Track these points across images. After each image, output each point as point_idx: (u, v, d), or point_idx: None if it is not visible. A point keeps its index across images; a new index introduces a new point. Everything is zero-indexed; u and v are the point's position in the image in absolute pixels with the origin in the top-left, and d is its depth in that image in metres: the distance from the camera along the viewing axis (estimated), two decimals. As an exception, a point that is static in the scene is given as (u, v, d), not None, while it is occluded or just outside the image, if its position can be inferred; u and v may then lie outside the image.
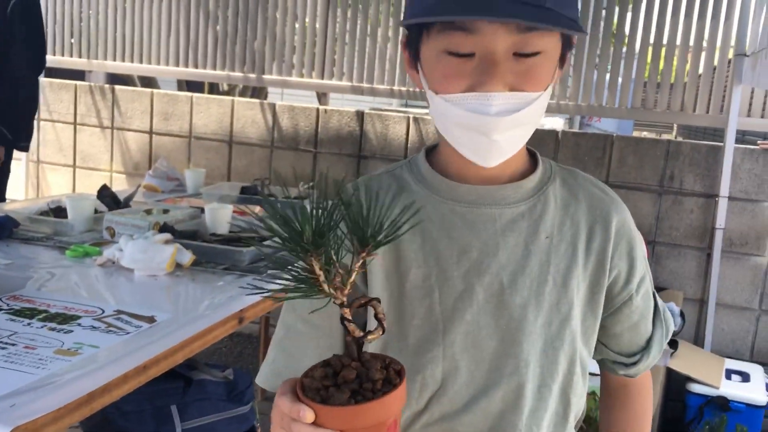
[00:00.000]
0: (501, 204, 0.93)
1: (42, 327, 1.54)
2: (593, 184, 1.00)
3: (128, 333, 1.55)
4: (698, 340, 3.34)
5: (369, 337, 0.72)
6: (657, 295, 1.06)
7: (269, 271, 0.73)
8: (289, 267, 0.69)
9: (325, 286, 0.69)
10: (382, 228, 0.70)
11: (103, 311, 1.67)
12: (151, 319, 1.64)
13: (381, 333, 0.72)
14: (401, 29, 3.81)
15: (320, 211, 0.68)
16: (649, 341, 1.05)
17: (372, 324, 0.75)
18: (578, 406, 0.97)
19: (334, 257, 0.69)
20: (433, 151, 1.00)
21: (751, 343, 3.33)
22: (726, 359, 3.16)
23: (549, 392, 0.92)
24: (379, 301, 0.73)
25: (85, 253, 2.13)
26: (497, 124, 0.83)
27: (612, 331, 1.03)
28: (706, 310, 3.27)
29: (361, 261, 0.71)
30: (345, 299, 0.71)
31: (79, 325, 1.57)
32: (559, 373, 0.92)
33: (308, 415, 0.68)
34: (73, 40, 4.43)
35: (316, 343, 0.94)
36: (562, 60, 0.90)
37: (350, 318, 0.71)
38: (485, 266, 0.91)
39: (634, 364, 1.05)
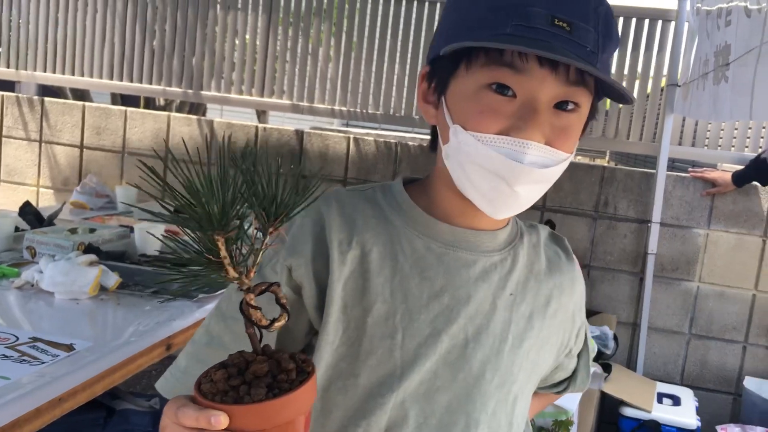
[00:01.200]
0: (476, 251, 0.89)
1: (-53, 356, 1.43)
2: (549, 244, 0.98)
3: (43, 363, 1.46)
4: (631, 364, 3.39)
5: (275, 324, 0.65)
6: (584, 323, 1.06)
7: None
8: (192, 249, 0.62)
9: (231, 270, 0.62)
10: (291, 198, 0.64)
11: (17, 338, 1.57)
12: (69, 348, 1.55)
13: (286, 319, 0.66)
14: (404, 57, 3.79)
15: (226, 184, 0.61)
16: (574, 371, 1.06)
17: (271, 312, 0.67)
18: None
19: (242, 234, 0.63)
20: (413, 184, 0.95)
21: (681, 367, 3.40)
22: (657, 383, 3.21)
23: None
24: (279, 285, 0.67)
25: (2, 274, 2.01)
26: (527, 175, 0.78)
27: (549, 379, 1.06)
28: (639, 334, 3.33)
29: (269, 238, 0.64)
30: (250, 283, 0.64)
31: (-11, 353, 1.47)
32: None
33: (222, 419, 0.61)
34: (0, 50, 4.25)
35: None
36: (584, 129, 0.87)
37: (255, 305, 0.65)
38: (455, 314, 0.86)
39: (560, 392, 1.08)
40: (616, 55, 3.43)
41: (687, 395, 3.12)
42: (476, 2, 0.81)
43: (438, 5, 3.70)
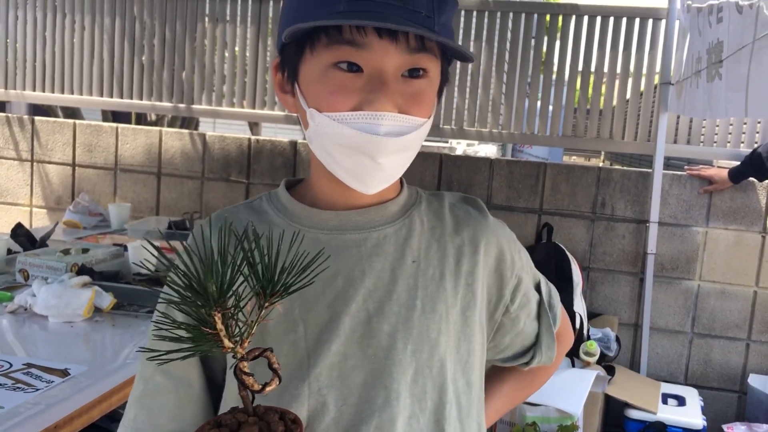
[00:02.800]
0: (365, 228, 0.89)
1: (-61, 386, 1.40)
2: (458, 204, 0.97)
3: (38, 390, 1.43)
4: (634, 365, 3.37)
5: (266, 389, 0.68)
6: (541, 282, 1.03)
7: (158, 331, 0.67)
8: (186, 324, 0.65)
9: (226, 341, 0.65)
10: (288, 276, 0.67)
11: (11, 365, 1.54)
12: (64, 373, 1.52)
13: (278, 383, 0.69)
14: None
15: (225, 264, 0.63)
16: (537, 336, 1.02)
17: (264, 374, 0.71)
18: None
19: (238, 311, 0.65)
20: (298, 185, 0.96)
21: (685, 367, 3.38)
22: (662, 383, 3.19)
23: (418, 423, 0.86)
24: (273, 351, 0.70)
25: (-5, 299, 1.98)
26: (385, 146, 0.80)
27: (501, 346, 1.01)
28: (641, 335, 3.30)
29: (264, 312, 0.67)
30: (245, 353, 0.67)
31: (-18, 382, 1.44)
32: (428, 402, 0.87)
33: None
34: (-12, 70, 4.22)
35: (175, 395, 0.88)
36: (440, 93, 0.90)
37: (248, 372, 0.67)
38: (351, 294, 0.86)
39: (528, 362, 1.04)
40: (608, 54, 3.43)
41: (692, 395, 3.10)
42: None
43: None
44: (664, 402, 3.00)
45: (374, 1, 0.78)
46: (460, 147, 9.30)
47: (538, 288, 1.03)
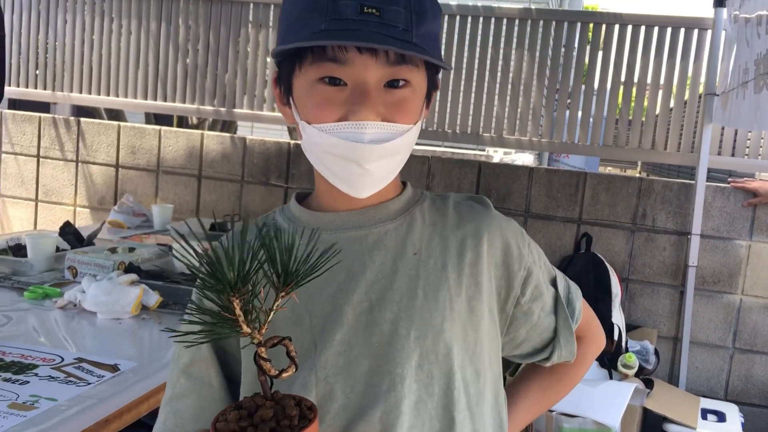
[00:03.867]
0: (366, 225, 0.94)
1: (-4, 378, 1.44)
2: (463, 202, 1.00)
3: (89, 383, 1.46)
4: (673, 379, 3.32)
5: (283, 375, 0.72)
6: (558, 278, 1.04)
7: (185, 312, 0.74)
8: (210, 310, 0.70)
9: (245, 326, 0.70)
10: (304, 266, 0.72)
11: (63, 359, 1.58)
12: (114, 368, 1.55)
13: (294, 370, 0.73)
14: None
15: (243, 252, 0.68)
16: (555, 331, 1.03)
17: (282, 363, 0.75)
18: (467, 425, 0.92)
19: (254, 297, 0.70)
20: (309, 196, 1.02)
21: (725, 382, 3.32)
22: (701, 398, 3.14)
23: (425, 409, 0.89)
24: (291, 340, 0.74)
25: (45, 294, 2.03)
26: (370, 152, 0.85)
27: (517, 340, 1.02)
28: (680, 348, 3.26)
29: (281, 300, 0.72)
30: (262, 338, 0.71)
31: (36, 375, 1.48)
32: (435, 387, 0.89)
33: None
34: (38, 72, 4.33)
35: (198, 396, 0.93)
36: (428, 99, 0.94)
37: (266, 357, 0.72)
38: (353, 286, 0.90)
39: (548, 358, 1.05)
40: (651, 63, 3.40)
41: (732, 411, 3.04)
42: (294, 5, 0.88)
43: (457, 18, 3.69)
44: (704, 417, 2.95)
45: (353, 19, 0.83)
46: (497, 155, 9.27)
47: (554, 283, 1.04)
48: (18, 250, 2.40)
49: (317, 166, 0.91)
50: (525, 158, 9.20)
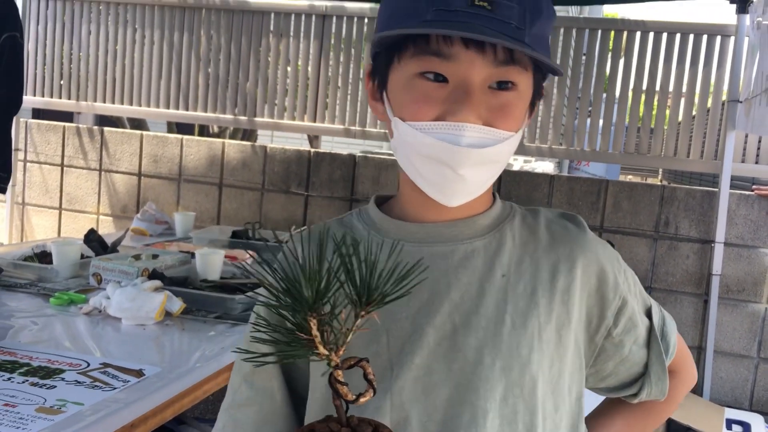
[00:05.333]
0: (453, 241, 0.87)
1: (23, 382, 1.46)
2: (556, 221, 0.93)
3: (115, 388, 1.47)
4: (697, 389, 3.27)
5: (360, 400, 0.66)
6: (653, 308, 0.96)
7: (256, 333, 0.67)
8: (282, 328, 0.65)
9: (321, 348, 0.64)
10: (386, 285, 0.65)
11: (89, 364, 1.59)
12: (139, 373, 1.56)
13: (372, 394, 0.67)
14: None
15: (322, 269, 0.63)
16: (646, 366, 0.95)
17: (355, 383, 0.69)
18: None
19: (333, 318, 0.64)
20: (388, 200, 0.96)
21: (750, 392, 3.27)
22: (725, 408, 3.10)
23: None
24: (368, 361, 0.68)
25: (70, 300, 2.05)
26: (467, 157, 0.78)
27: (603, 372, 0.94)
28: (705, 358, 3.22)
29: (360, 320, 0.66)
30: (339, 361, 0.66)
31: (62, 379, 1.49)
32: (519, 424, 0.82)
33: None
34: (62, 82, 4.39)
35: (258, 408, 0.89)
36: (532, 107, 0.87)
37: (343, 381, 0.66)
38: (436, 306, 0.83)
39: (636, 394, 0.96)
40: (673, 70, 3.38)
41: (758, 421, 3.00)
42: None
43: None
44: (728, 428, 2.91)
45: (463, 11, 0.76)
46: (517, 163, 9.25)
47: (648, 314, 0.95)
48: (43, 257, 2.43)
49: (406, 167, 0.85)
50: (545, 166, 9.17)
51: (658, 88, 3.45)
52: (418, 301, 0.83)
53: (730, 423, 2.96)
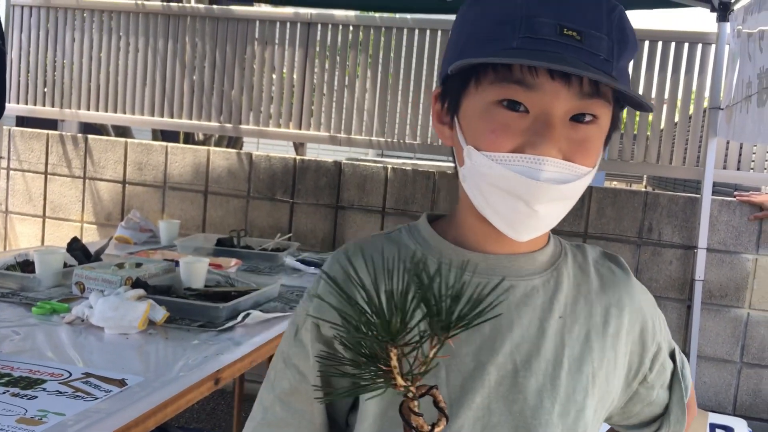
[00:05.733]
0: (514, 276, 0.84)
1: (4, 393, 1.45)
2: (602, 261, 0.93)
3: (97, 398, 1.47)
4: (681, 394, 3.30)
5: (436, 429, 0.63)
6: (676, 350, 0.97)
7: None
8: (360, 358, 0.61)
9: (399, 378, 0.61)
10: (470, 310, 0.61)
11: (71, 374, 1.58)
12: (121, 383, 1.56)
13: (446, 423, 0.64)
14: (415, 80, 3.82)
15: (407, 300, 0.59)
16: (666, 407, 0.96)
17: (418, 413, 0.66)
18: None
19: (419, 347, 0.61)
20: (439, 220, 0.92)
21: (734, 396, 3.30)
22: (709, 413, 3.11)
23: None
24: (438, 388, 0.65)
25: (53, 310, 2.04)
26: (545, 192, 0.75)
27: (629, 413, 0.96)
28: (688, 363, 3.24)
29: (439, 348, 0.62)
30: (416, 390, 0.62)
31: (44, 390, 1.48)
32: None
33: None
34: (46, 89, 4.37)
35: (294, 431, 0.86)
36: (608, 140, 0.84)
37: (419, 411, 0.63)
38: (498, 344, 0.81)
39: None
40: (655, 78, 3.41)
41: (741, 426, 3.02)
42: (483, 16, 0.79)
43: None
44: (712, 432, 2.93)
45: (552, 40, 0.73)
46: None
47: (672, 355, 0.96)
48: (26, 265, 2.41)
49: (475, 198, 0.81)
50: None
51: (640, 95, 3.47)
52: (480, 336, 0.81)
53: (713, 427, 2.98)
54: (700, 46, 3.41)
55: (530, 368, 0.81)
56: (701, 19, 3.74)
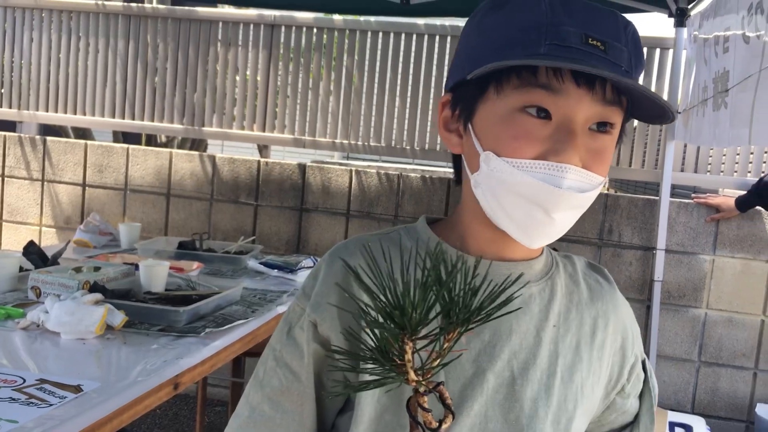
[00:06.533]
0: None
1: (-46, 400, 1.41)
2: (589, 273, 0.95)
3: (51, 405, 1.44)
4: (641, 393, 3.35)
5: (443, 426, 0.63)
6: (646, 360, 0.99)
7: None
8: (372, 351, 0.61)
9: (412, 373, 0.60)
10: (485, 303, 0.61)
11: (24, 380, 1.55)
12: (77, 389, 1.53)
13: (452, 419, 0.64)
14: (417, 86, 3.81)
15: (428, 293, 0.59)
16: (637, 415, 0.98)
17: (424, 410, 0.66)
18: None
19: (436, 341, 0.61)
20: (439, 222, 0.92)
21: (692, 395, 3.36)
22: (669, 411, 3.17)
23: None
24: (444, 385, 0.65)
25: (7, 315, 1.99)
26: (566, 200, 0.75)
27: (603, 421, 0.98)
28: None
29: (453, 343, 0.62)
30: (427, 386, 0.62)
31: (-4, 397, 1.45)
32: None
33: None
34: (2, 90, 4.28)
35: (284, 431, 0.85)
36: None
37: (428, 407, 0.63)
38: (498, 350, 0.82)
39: None
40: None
41: (699, 424, 3.08)
42: (505, 23, 0.79)
43: (437, 38, 3.74)
44: (671, 430, 2.98)
45: (577, 48, 0.74)
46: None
47: (644, 367, 0.98)
48: (-20, 270, 2.36)
49: (488, 203, 0.80)
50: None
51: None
52: (480, 342, 0.81)
53: (673, 426, 3.03)
54: (658, 51, 3.48)
55: (527, 376, 0.82)
56: (659, 25, 3.81)
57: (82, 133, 5.05)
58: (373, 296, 0.59)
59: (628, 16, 0.86)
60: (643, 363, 0.98)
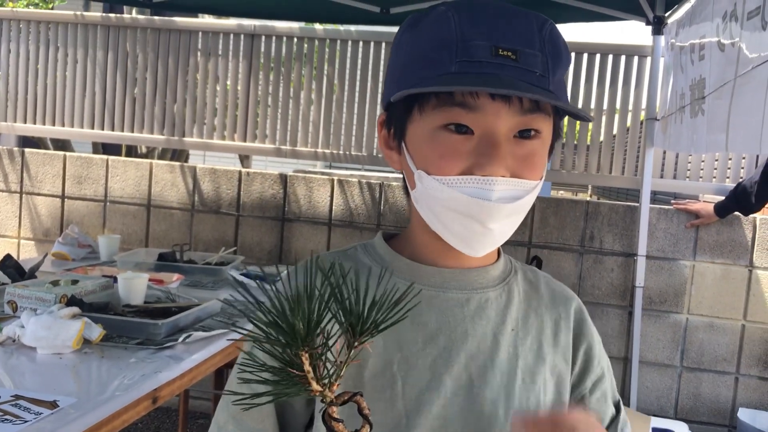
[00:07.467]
0: (468, 289, 0.87)
1: (-75, 418, 1.38)
2: (552, 282, 0.96)
3: (26, 421, 1.41)
4: (624, 398, 3.36)
5: None
6: (620, 404, 0.97)
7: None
8: (272, 366, 0.61)
9: (314, 384, 0.61)
10: (379, 313, 0.62)
11: (-1, 397, 1.52)
12: (53, 405, 1.50)
13: (368, 430, 0.64)
14: (362, 105, 3.81)
15: (313, 300, 0.59)
16: (612, 421, 0.95)
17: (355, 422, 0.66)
18: None
19: (327, 350, 0.61)
20: (394, 238, 0.93)
21: (675, 400, 3.38)
22: (652, 417, 3.18)
23: None
24: (362, 395, 0.65)
25: (-17, 330, 1.96)
26: (497, 211, 0.77)
27: None
28: (630, 368, 3.31)
29: (354, 352, 0.63)
30: (334, 397, 0.63)
31: (-31, 414, 1.42)
32: None
33: None
34: (-20, 102, 4.23)
35: None
36: (551, 149, 0.87)
37: (338, 417, 0.63)
38: (454, 355, 0.83)
39: None
40: (594, 90, 3.49)
41: (682, 429, 3.09)
42: (418, 42, 0.80)
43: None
44: (655, 436, 2.99)
45: (487, 62, 0.75)
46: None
47: (617, 406, 0.96)
48: (-45, 284, 2.32)
49: (430, 219, 0.82)
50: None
51: (579, 106, 3.55)
52: (436, 348, 0.83)
53: (656, 431, 3.04)
54: (636, 58, 3.50)
55: (485, 380, 0.83)
56: (637, 33, 3.84)
57: (62, 145, 5.00)
58: (263, 308, 0.59)
59: (608, 24, 0.86)
60: (618, 404, 0.96)
